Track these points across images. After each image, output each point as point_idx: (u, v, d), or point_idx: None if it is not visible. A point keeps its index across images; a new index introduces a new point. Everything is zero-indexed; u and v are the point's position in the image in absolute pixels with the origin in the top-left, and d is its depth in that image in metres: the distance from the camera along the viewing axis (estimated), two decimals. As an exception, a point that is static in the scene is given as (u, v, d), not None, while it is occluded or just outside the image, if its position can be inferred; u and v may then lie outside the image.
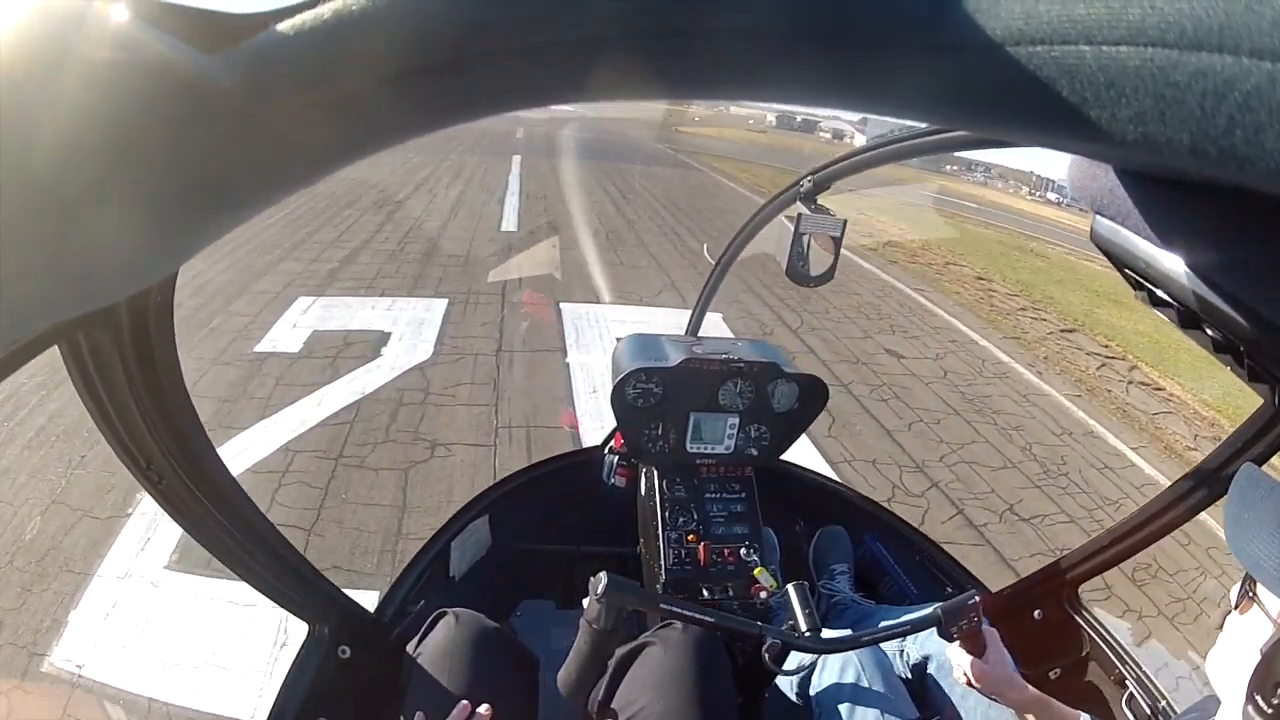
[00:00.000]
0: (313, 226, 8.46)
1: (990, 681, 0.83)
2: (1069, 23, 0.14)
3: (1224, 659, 0.54)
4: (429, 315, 5.91)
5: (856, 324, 6.32)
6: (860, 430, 4.21)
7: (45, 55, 0.14)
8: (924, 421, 4.46)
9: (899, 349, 5.85)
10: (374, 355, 5.05)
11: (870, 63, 0.17)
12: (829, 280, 0.91)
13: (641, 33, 0.17)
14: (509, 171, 13.67)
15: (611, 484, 1.34)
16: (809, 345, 5.67)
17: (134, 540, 2.65)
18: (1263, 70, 0.12)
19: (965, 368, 5.65)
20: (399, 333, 5.50)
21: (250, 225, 0.24)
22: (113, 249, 0.16)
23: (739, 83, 0.19)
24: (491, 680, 0.86)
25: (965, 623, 0.82)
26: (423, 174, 12.59)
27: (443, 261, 7.50)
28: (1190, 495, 0.91)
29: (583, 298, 6.60)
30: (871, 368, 5.29)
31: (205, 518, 0.68)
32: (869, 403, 4.63)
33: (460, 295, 6.47)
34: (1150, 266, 0.30)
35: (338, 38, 0.16)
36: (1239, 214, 0.20)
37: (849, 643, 0.84)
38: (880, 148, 0.78)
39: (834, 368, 5.17)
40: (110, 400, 0.51)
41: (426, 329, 5.61)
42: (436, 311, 6.01)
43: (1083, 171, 0.26)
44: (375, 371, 4.81)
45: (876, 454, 3.94)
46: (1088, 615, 1.11)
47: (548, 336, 5.65)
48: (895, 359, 5.59)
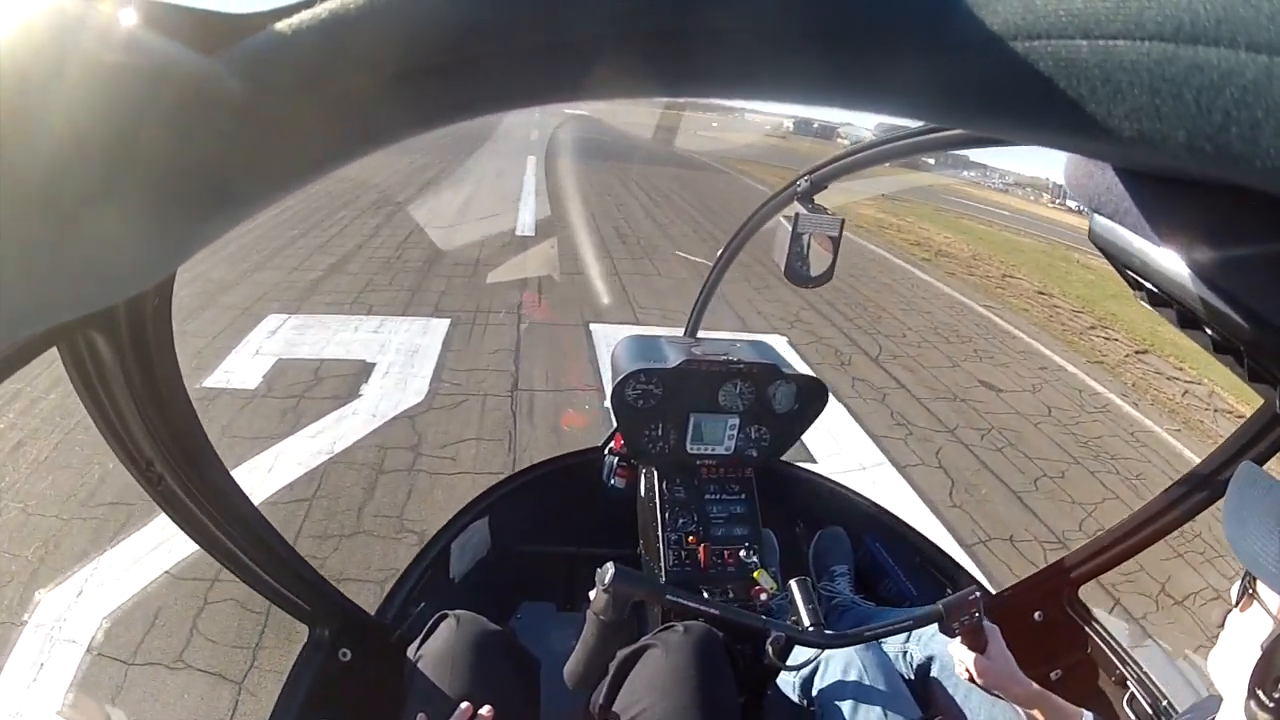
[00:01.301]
0: (301, 229, 7.24)
1: (992, 677, 0.84)
2: (1067, 16, 0.14)
3: (1225, 656, 0.54)
4: (425, 340, 4.62)
5: (939, 349, 5.66)
6: (986, 493, 3.50)
7: (44, 57, 0.14)
8: (1048, 475, 3.84)
9: (992, 379, 5.21)
10: (350, 395, 3.77)
11: (869, 62, 0.17)
12: (828, 280, 0.86)
13: (641, 33, 0.17)
14: (523, 172, 12.74)
15: (611, 485, 1.31)
16: (897, 378, 4.86)
17: None
18: (1259, 64, 0.12)
19: (1065, 401, 5.03)
20: (386, 364, 4.21)
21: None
22: (113, 250, 0.16)
23: (739, 83, 0.19)
24: (493, 683, 0.86)
25: (966, 618, 0.82)
26: (429, 174, 11.38)
27: (446, 271, 6.22)
28: (1191, 495, 0.91)
29: (619, 317, 5.32)
30: (973, 405, 4.62)
31: (205, 520, 0.67)
32: (983, 453, 3.96)
33: (466, 314, 5.16)
34: (1149, 265, 0.30)
35: (337, 37, 0.16)
36: (1237, 213, 0.20)
37: (852, 637, 0.83)
38: (876, 147, 0.75)
39: (932, 406, 4.45)
40: (109, 402, 0.51)
41: (421, 359, 4.32)
42: (435, 335, 4.72)
43: (1080, 170, 0.26)
44: (350, 420, 3.53)
45: (1011, 526, 3.24)
46: (1089, 616, 1.10)
47: (578, 368, 4.37)
48: (994, 393, 4.93)
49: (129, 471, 0.59)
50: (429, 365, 4.23)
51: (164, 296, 0.49)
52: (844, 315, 6.26)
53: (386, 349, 4.40)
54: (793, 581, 0.85)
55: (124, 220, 0.15)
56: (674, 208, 11.26)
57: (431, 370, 4.16)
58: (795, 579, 0.86)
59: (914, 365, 5.16)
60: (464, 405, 3.78)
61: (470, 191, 10.70)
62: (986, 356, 5.77)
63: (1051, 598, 1.14)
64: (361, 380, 3.95)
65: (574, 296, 5.85)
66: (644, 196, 11.90)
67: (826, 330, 5.75)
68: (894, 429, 4.00)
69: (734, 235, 1.18)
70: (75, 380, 0.50)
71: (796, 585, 0.84)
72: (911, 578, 1.35)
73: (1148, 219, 0.23)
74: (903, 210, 14.36)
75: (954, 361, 5.45)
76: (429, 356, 4.35)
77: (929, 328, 6.26)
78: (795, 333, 5.54)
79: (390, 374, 4.05)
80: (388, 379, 3.99)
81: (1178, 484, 0.94)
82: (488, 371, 4.23)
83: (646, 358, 1.22)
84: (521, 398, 3.94)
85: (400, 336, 4.63)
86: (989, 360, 5.66)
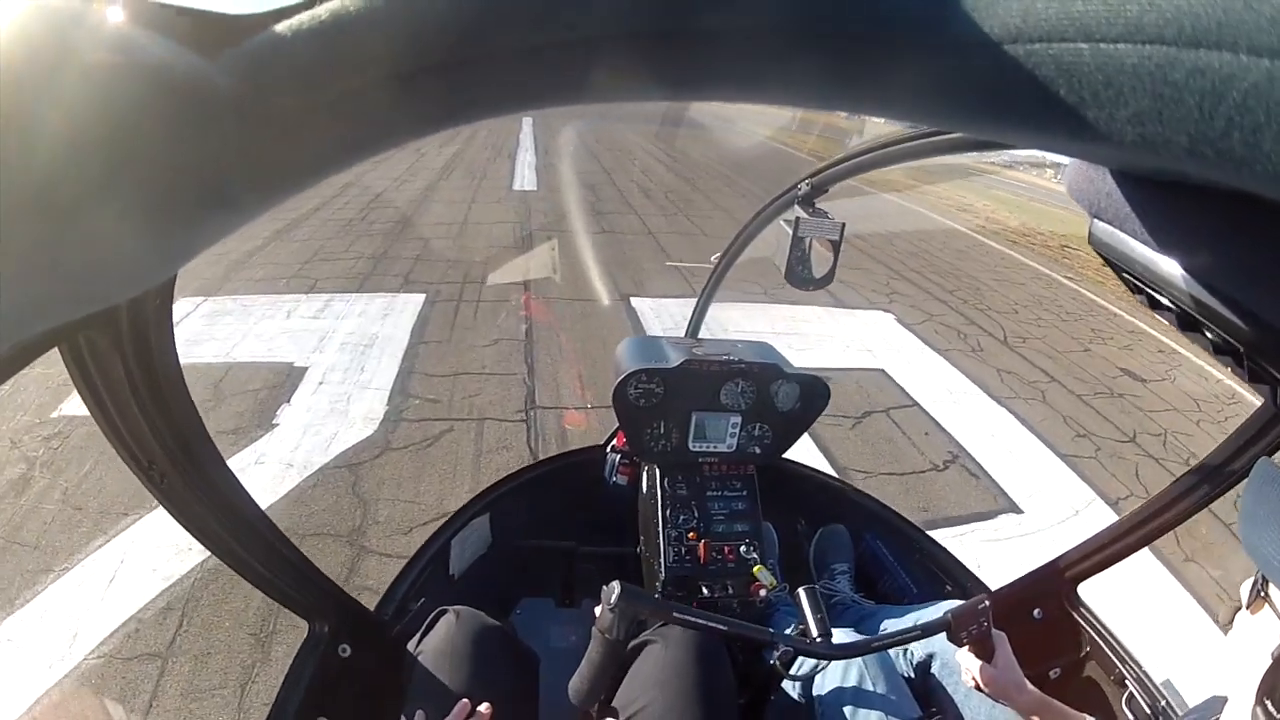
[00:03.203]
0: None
1: (999, 686, 0.82)
2: (1067, 20, 0.13)
3: (1233, 657, 0.53)
4: (386, 328, 3.06)
5: (1058, 328, 4.73)
6: (1213, 541, 2.38)
7: (45, 58, 0.13)
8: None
9: (1129, 365, 4.23)
10: (255, 428, 2.25)
11: (869, 63, 0.16)
12: (828, 283, 0.83)
13: (641, 33, 0.16)
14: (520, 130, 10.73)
15: (613, 482, 1.30)
16: (1037, 364, 3.87)
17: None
18: (1261, 68, 0.11)
19: (1201, 391, 4.15)
20: (323, 367, 2.67)
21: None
22: (113, 251, 0.16)
23: (739, 83, 0.18)
24: (492, 679, 0.84)
25: (975, 627, 0.81)
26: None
27: (424, 233, 4.62)
28: (1190, 493, 0.91)
29: (660, 290, 3.80)
30: (1132, 401, 3.65)
31: (206, 516, 0.67)
32: (1177, 467, 2.95)
33: (450, 287, 3.61)
34: (1149, 270, 0.29)
35: (336, 39, 0.16)
36: (1237, 217, 0.20)
37: (860, 648, 0.81)
38: (877, 150, 0.73)
39: (1096, 404, 3.48)
40: (111, 401, 0.51)
41: (378, 358, 2.76)
42: (403, 319, 3.15)
43: (1080, 175, 0.26)
44: (254, 473, 2.01)
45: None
46: (1088, 614, 1.09)
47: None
48: (1140, 384, 4.02)
49: (131, 470, 0.57)
50: (389, 368, 2.66)
51: (165, 296, 0.48)
52: (940, 286, 5.21)
53: (327, 343, 2.83)
54: (800, 590, 0.81)
55: (124, 221, 0.15)
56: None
57: (392, 377, 2.59)
58: (804, 587, 0.81)
59: (1046, 349, 4.13)
60: (444, 442, 2.24)
61: (457, 149, 8.96)
62: (1107, 338, 4.80)
63: (1051, 596, 1.10)
64: (280, 398, 2.39)
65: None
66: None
67: (932, 305, 4.44)
68: (1078, 444, 3.04)
69: (734, 239, 1.13)
70: (77, 380, 0.49)
71: (804, 594, 0.81)
72: (911, 575, 1.29)
73: (1148, 224, 0.23)
74: (933, 177, 13.02)
75: (1082, 344, 4.51)
76: (390, 353, 2.78)
77: (1031, 301, 5.28)
78: (900, 308, 4.17)
79: (327, 385, 2.50)
80: (322, 394, 2.44)
81: (1178, 481, 0.93)
82: (483, 375, 2.68)
83: (648, 357, 1.19)
84: (543, 421, 2.41)
85: (351, 321, 3.05)
86: (1111, 342, 4.75)
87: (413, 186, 6.25)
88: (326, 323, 3.02)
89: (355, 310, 3.16)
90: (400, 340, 2.87)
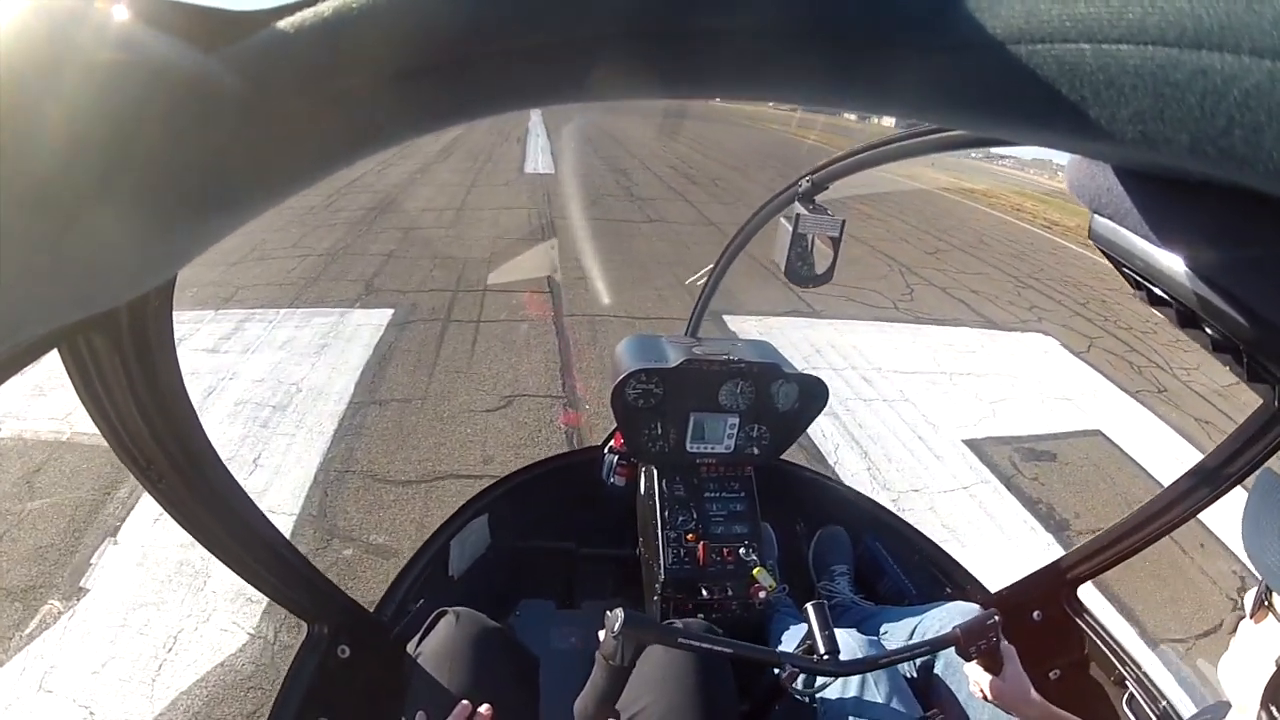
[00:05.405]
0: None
1: (1008, 698, 0.81)
2: (1069, 21, 0.13)
3: (1237, 665, 0.51)
4: (319, 371, 1.86)
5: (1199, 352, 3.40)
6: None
7: (45, 56, 0.13)
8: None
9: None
10: (65, 595, 1.06)
11: (870, 62, 0.16)
12: (828, 280, 0.82)
13: (642, 33, 0.16)
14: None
15: (611, 483, 1.26)
16: (1220, 407, 3.03)
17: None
18: (1263, 69, 0.12)
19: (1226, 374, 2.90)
20: (242, 423, 1.46)
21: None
22: (114, 252, 0.15)
23: (739, 83, 0.18)
24: (492, 680, 0.82)
25: (984, 642, 0.80)
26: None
27: (404, 223, 3.47)
28: (1190, 495, 0.88)
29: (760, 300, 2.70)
30: None
31: (205, 517, 0.64)
32: None
33: (432, 298, 2.44)
34: (1149, 265, 0.29)
35: (338, 36, 0.15)
36: (1237, 213, 0.19)
37: (868, 664, 0.81)
38: (879, 147, 0.73)
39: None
40: (110, 403, 0.49)
41: (285, 441, 1.55)
42: (353, 348, 1.96)
43: (1081, 170, 0.25)
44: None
45: None
46: (1087, 615, 1.06)
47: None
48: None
49: (131, 471, 0.55)
50: (297, 477, 1.48)
51: (165, 298, 0.45)
52: (1074, 299, 4.26)
53: (209, 406, 1.67)
54: (809, 606, 0.79)
55: (125, 220, 0.15)
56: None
57: (297, 507, 1.42)
58: (812, 603, 0.79)
59: (1223, 388, 3.30)
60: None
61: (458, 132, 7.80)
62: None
63: (1050, 597, 1.08)
64: (94, 545, 1.24)
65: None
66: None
67: (1082, 324, 3.68)
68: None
69: (734, 236, 1.10)
70: (76, 382, 0.47)
71: (813, 610, 0.78)
72: (911, 576, 1.24)
73: (1148, 220, 0.23)
74: (974, 177, 12.20)
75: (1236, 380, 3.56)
76: (313, 428, 1.61)
77: (1159, 320, 4.25)
78: (1049, 324, 3.60)
79: (149, 559, 1.33)
80: (139, 577, 1.27)
81: (1178, 482, 0.90)
82: (485, 480, 1.53)
83: (647, 357, 1.15)
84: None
85: (264, 359, 1.89)
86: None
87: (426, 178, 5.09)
88: (227, 359, 1.86)
89: (279, 338, 2.00)
90: (338, 394, 1.71)
